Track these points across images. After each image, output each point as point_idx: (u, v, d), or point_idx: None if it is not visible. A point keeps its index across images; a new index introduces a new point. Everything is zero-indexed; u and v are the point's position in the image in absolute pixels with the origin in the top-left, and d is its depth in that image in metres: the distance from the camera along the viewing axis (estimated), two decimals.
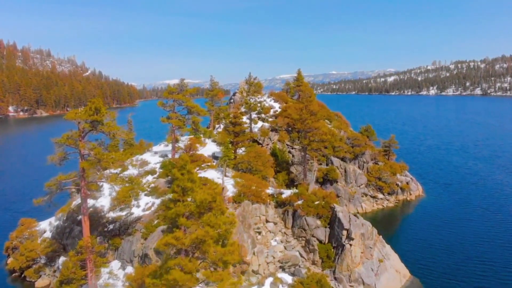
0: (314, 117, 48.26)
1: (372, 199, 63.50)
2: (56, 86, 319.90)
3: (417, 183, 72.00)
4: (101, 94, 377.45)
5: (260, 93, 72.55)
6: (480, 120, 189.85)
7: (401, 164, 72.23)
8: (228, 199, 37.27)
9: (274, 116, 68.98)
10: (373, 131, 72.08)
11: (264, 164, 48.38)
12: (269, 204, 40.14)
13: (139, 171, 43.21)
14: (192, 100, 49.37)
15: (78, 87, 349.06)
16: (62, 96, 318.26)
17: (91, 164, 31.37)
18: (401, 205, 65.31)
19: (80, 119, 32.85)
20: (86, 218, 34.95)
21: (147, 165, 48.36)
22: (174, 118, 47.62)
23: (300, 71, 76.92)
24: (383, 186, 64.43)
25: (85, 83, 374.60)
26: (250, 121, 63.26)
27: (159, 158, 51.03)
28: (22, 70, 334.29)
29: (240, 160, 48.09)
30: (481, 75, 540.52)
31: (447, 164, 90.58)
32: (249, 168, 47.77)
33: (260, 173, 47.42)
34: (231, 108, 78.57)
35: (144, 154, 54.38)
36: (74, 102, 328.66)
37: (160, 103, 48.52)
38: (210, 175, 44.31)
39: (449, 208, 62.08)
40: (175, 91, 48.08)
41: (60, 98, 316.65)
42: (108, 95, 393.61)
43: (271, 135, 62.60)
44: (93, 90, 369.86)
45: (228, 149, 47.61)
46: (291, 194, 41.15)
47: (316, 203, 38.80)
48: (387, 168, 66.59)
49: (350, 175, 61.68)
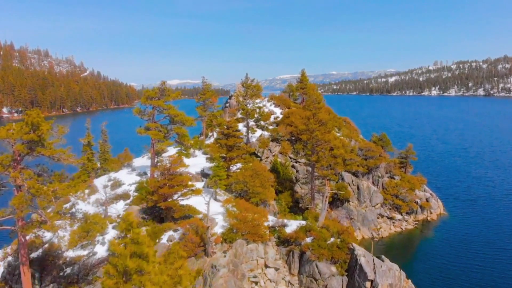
0: (323, 127, 39.57)
1: (389, 221, 54.75)
2: (52, 87, 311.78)
3: (437, 199, 63.25)
4: (98, 95, 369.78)
5: (259, 97, 63.83)
6: (490, 123, 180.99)
7: (418, 177, 63.47)
8: (216, 239, 28.56)
9: (275, 124, 60.25)
10: (388, 140, 63.21)
11: (263, 185, 39.66)
12: (269, 242, 31.42)
13: (106, 197, 34.64)
14: (176, 107, 40.66)
15: (74, 87, 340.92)
16: (58, 97, 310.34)
17: (23, 201, 22.67)
18: (422, 227, 56.53)
19: (13, 138, 24.17)
20: (26, 268, 26.31)
21: (119, 187, 39.60)
22: (153, 129, 38.87)
23: (304, 72, 68.27)
24: (401, 205, 55.68)
25: (82, 84, 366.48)
26: (247, 130, 54.56)
27: (136, 177, 42.30)
28: (18, 70, 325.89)
29: (234, 180, 39.39)
30: (484, 76, 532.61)
31: (466, 175, 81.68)
32: (245, 190, 39.11)
33: (258, 196, 38.75)
34: (226, 113, 69.82)
35: (119, 171, 45.62)
36: (70, 103, 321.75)
37: (136, 111, 39.78)
38: (196, 200, 35.70)
39: (477, 231, 53.39)
40: (155, 96, 39.32)
41: (56, 99, 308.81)
42: (105, 96, 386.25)
43: (272, 145, 53.85)
44: (90, 90, 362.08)
45: (219, 168, 38.87)
46: (297, 228, 32.38)
47: (330, 242, 30.06)
48: (405, 183, 57.84)
49: (363, 193, 52.92)
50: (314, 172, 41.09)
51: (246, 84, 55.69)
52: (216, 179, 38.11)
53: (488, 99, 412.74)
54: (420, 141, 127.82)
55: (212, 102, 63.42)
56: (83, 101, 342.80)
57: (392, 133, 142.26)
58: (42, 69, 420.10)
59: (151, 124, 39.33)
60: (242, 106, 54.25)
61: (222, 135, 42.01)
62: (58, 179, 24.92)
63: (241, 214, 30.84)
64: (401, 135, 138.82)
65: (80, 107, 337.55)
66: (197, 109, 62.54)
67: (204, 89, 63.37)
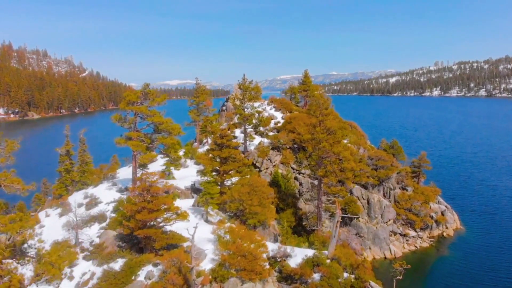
0: (332, 137, 34.17)
1: (402, 238, 49.35)
2: (50, 87, 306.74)
3: (452, 212, 57.86)
4: (96, 96, 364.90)
5: (258, 99, 58.36)
6: (497, 125, 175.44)
7: (432, 187, 58.06)
8: (204, 280, 23.12)
9: (276, 130, 54.78)
10: (400, 147, 57.65)
11: (262, 203, 34.21)
12: (269, 279, 26.00)
13: (76, 221, 29.14)
14: (162, 113, 35.15)
15: (72, 88, 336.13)
16: (56, 98, 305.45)
17: None
18: (438, 244, 51.14)
19: None
20: None
21: (96, 206, 34.13)
22: (135, 138, 33.42)
23: (307, 72, 62.83)
24: (415, 220, 50.28)
25: (80, 84, 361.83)
26: (245, 137, 49.12)
27: (115, 194, 36.80)
28: (15, 71, 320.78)
29: (229, 197, 33.96)
30: (486, 76, 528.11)
31: (480, 184, 76.10)
32: (241, 209, 33.70)
33: (256, 217, 33.33)
34: (222, 117, 64.36)
35: (99, 185, 40.16)
36: (68, 104, 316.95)
37: (116, 118, 34.29)
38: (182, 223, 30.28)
39: (498, 248, 48.25)
40: (137, 101, 33.86)
41: (54, 100, 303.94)
42: (104, 96, 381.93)
43: (272, 155, 48.37)
44: (88, 91, 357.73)
45: (211, 184, 33.39)
46: (303, 262, 26.93)
47: (342, 280, 24.65)
48: (419, 195, 52.43)
49: (374, 207, 47.46)
50: (321, 188, 35.62)
51: (243, 86, 50.19)
52: (207, 197, 32.71)
53: (490, 100, 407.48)
54: (426, 144, 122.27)
55: (207, 106, 57.82)
56: (81, 102, 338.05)
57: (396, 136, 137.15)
58: (41, 69, 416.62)
59: (132, 133, 33.88)
60: (239, 110, 48.81)
61: (216, 145, 36.58)
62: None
63: (235, 245, 25.42)
64: (406, 138, 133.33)
65: (78, 108, 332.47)
66: (190, 114, 57.02)
67: (198, 91, 57.67)
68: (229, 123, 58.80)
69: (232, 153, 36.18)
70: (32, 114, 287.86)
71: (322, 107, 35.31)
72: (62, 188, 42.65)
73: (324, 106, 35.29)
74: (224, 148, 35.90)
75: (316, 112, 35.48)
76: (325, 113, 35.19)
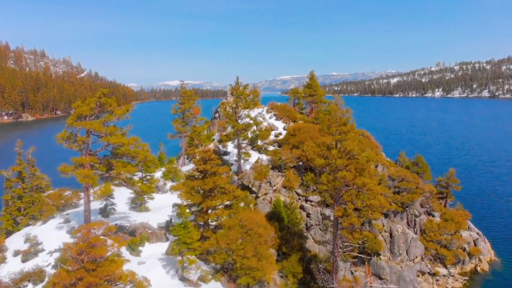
0: (354, 162, 25.29)
1: (431, 278, 40.34)
2: (45, 88, 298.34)
3: (485, 239, 48.91)
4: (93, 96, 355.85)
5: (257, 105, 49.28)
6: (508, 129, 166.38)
7: (460, 210, 49.11)
8: None
9: (277, 143, 45.74)
10: (425, 165, 48.41)
11: (259, 252, 25.29)
12: None
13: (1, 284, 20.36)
14: (126, 129, 26.23)
15: (68, 89, 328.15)
16: (51, 99, 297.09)
17: None
18: (472, 283, 42.22)
19: None
20: None
21: (35, 255, 25.10)
22: (86, 165, 24.39)
23: (313, 74, 53.85)
24: (446, 255, 41.31)
25: (77, 85, 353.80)
26: (239, 154, 40.16)
27: (65, 236, 27.66)
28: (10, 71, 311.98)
29: (212, 245, 25.02)
30: (488, 77, 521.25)
31: (506, 201, 66.84)
32: (231, 262, 24.79)
33: (251, 274, 24.40)
34: (215, 126, 55.33)
35: (51, 219, 31.00)
36: (64, 105, 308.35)
37: (62, 136, 25.27)
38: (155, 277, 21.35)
39: None
40: (89, 114, 24.86)
41: (49, 101, 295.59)
42: None
43: (272, 176, 39.30)
44: (85, 92, 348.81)
45: (188, 229, 24.31)
46: None
47: None
48: (449, 224, 43.43)
49: (398, 241, 38.40)
50: (337, 231, 26.65)
51: (237, 91, 41.11)
52: (182, 248, 23.74)
53: (494, 101, 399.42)
54: (438, 152, 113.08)
55: (194, 115, 48.55)
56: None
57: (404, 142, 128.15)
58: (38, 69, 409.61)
59: (84, 158, 24.94)
60: (232, 121, 39.77)
61: (197, 171, 27.59)
62: None
63: None
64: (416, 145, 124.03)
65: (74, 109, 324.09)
66: (173, 124, 47.93)
67: (183, 96, 48.26)
68: (221, 133, 49.84)
69: (218, 182, 27.20)
70: (26, 115, 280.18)
71: (339, 122, 26.34)
72: (9, 221, 33.72)
73: (341, 122, 26.34)
74: (208, 176, 26.94)
75: (332, 129, 26.51)
76: (344, 130, 26.23)
